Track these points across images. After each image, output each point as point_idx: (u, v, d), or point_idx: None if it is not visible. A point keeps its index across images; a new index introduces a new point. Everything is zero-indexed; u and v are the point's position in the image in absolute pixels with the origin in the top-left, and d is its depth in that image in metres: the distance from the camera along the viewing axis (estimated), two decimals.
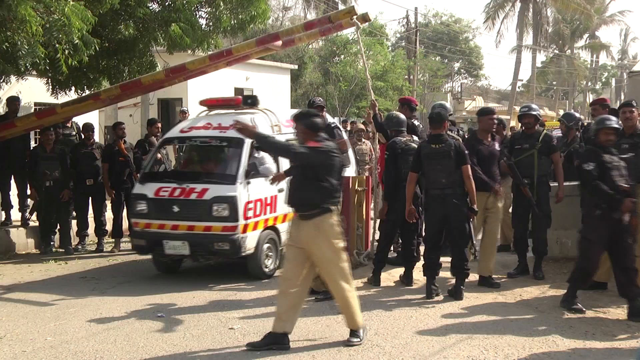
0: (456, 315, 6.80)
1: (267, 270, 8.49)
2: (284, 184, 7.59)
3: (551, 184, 8.40)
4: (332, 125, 8.14)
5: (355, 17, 8.50)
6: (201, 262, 8.99)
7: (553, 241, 8.83)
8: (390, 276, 8.29)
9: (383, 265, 8.11)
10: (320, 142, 5.75)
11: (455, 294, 7.40)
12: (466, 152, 7.41)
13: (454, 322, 6.53)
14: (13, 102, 10.94)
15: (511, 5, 45.47)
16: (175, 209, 8.13)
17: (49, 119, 10.28)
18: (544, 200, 8.20)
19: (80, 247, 10.67)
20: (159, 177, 8.91)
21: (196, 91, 16.76)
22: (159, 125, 11.60)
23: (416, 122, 8.76)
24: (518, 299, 7.38)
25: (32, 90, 12.13)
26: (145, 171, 8.92)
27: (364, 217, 9.08)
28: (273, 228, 8.60)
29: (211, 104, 9.43)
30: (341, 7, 40.03)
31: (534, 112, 8.30)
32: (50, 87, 11.10)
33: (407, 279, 8.08)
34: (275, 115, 9.02)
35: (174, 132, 9.31)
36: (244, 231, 8.06)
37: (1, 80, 10.17)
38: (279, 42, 9.31)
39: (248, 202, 8.10)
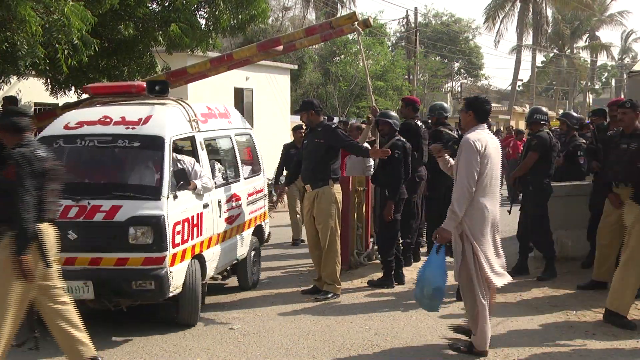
0: (456, 315, 6.79)
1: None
2: (207, 197, 6.78)
3: (553, 185, 8.43)
4: (334, 125, 7.92)
5: (356, 22, 8.48)
6: (99, 307, 6.34)
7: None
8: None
9: (401, 263, 8.13)
10: (25, 146, 4.80)
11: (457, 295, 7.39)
12: None
13: (454, 323, 6.51)
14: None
15: (511, 5, 45.50)
16: (72, 235, 5.85)
17: (48, 121, 10.33)
18: (528, 203, 8.25)
19: None
20: None
21: (196, 91, 16.75)
22: None
23: (419, 123, 8.75)
24: (518, 299, 7.38)
25: (32, 90, 12.16)
26: None
27: (364, 217, 9.10)
28: (199, 256, 6.60)
29: (101, 92, 7.27)
30: (340, 7, 40.09)
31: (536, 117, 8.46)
32: (50, 87, 11.11)
33: (397, 277, 8.10)
34: (192, 108, 7.16)
35: (55, 128, 6.83)
36: (172, 263, 6.06)
37: (1, 80, 10.17)
38: (280, 47, 9.31)
39: (176, 224, 6.16)
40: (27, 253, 4.68)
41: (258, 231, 8.21)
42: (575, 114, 10.65)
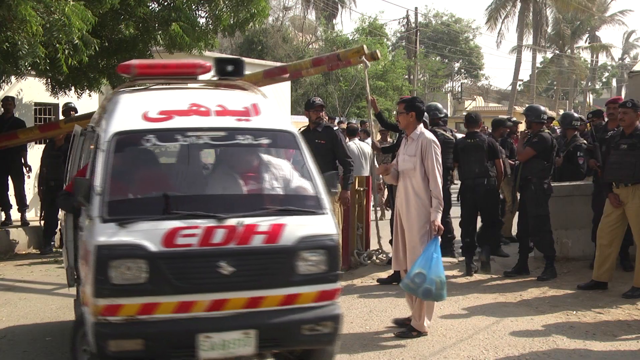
0: (456, 315, 6.80)
1: None
2: None
3: (553, 185, 8.45)
4: (334, 128, 7.98)
5: (363, 56, 8.47)
6: None
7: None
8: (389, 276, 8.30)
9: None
10: None
11: (484, 267, 8.67)
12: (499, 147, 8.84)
13: (454, 322, 6.52)
14: (8, 101, 11.03)
15: (512, 5, 45.52)
16: (226, 269, 4.26)
17: (51, 132, 10.43)
18: (529, 203, 8.26)
19: None
20: (151, 206, 4.54)
21: None
22: None
23: None
24: (518, 299, 7.39)
25: (32, 90, 12.16)
26: (111, 197, 4.38)
27: (364, 217, 9.10)
28: None
29: (151, 73, 5.41)
30: (340, 7, 40.12)
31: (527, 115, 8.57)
32: (50, 87, 11.13)
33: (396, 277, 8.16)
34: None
35: (131, 120, 4.79)
36: None
37: (1, 80, 10.18)
38: (287, 75, 9.36)
39: None
40: None
41: None
42: (575, 114, 10.69)
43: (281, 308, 4.38)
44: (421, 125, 6.15)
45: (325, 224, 4.55)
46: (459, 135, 9.81)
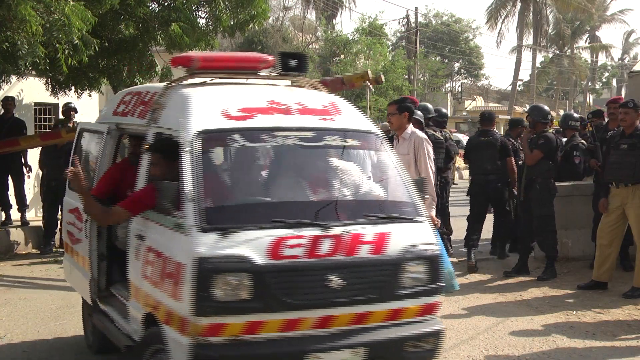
0: (456, 315, 6.80)
1: None
2: None
3: (557, 185, 8.45)
4: None
5: (367, 80, 8.49)
6: None
7: None
8: None
9: None
10: None
11: (501, 256, 9.29)
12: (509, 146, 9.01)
13: (454, 322, 6.52)
14: (8, 101, 11.04)
15: (512, 5, 45.55)
16: (335, 282, 3.90)
17: (52, 141, 10.49)
18: (534, 203, 8.24)
19: None
20: (250, 214, 4.11)
21: None
22: None
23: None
24: (518, 299, 7.39)
25: (32, 90, 12.16)
26: (207, 203, 3.94)
27: None
28: None
29: (216, 66, 4.92)
30: (340, 9, 40.16)
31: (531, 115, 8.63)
32: (50, 87, 11.13)
33: None
34: None
35: (211, 118, 4.28)
36: None
37: (1, 80, 10.19)
38: None
39: None
40: None
41: None
42: (575, 115, 10.71)
43: (387, 324, 4.07)
44: (411, 125, 6.33)
45: (425, 232, 4.27)
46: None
